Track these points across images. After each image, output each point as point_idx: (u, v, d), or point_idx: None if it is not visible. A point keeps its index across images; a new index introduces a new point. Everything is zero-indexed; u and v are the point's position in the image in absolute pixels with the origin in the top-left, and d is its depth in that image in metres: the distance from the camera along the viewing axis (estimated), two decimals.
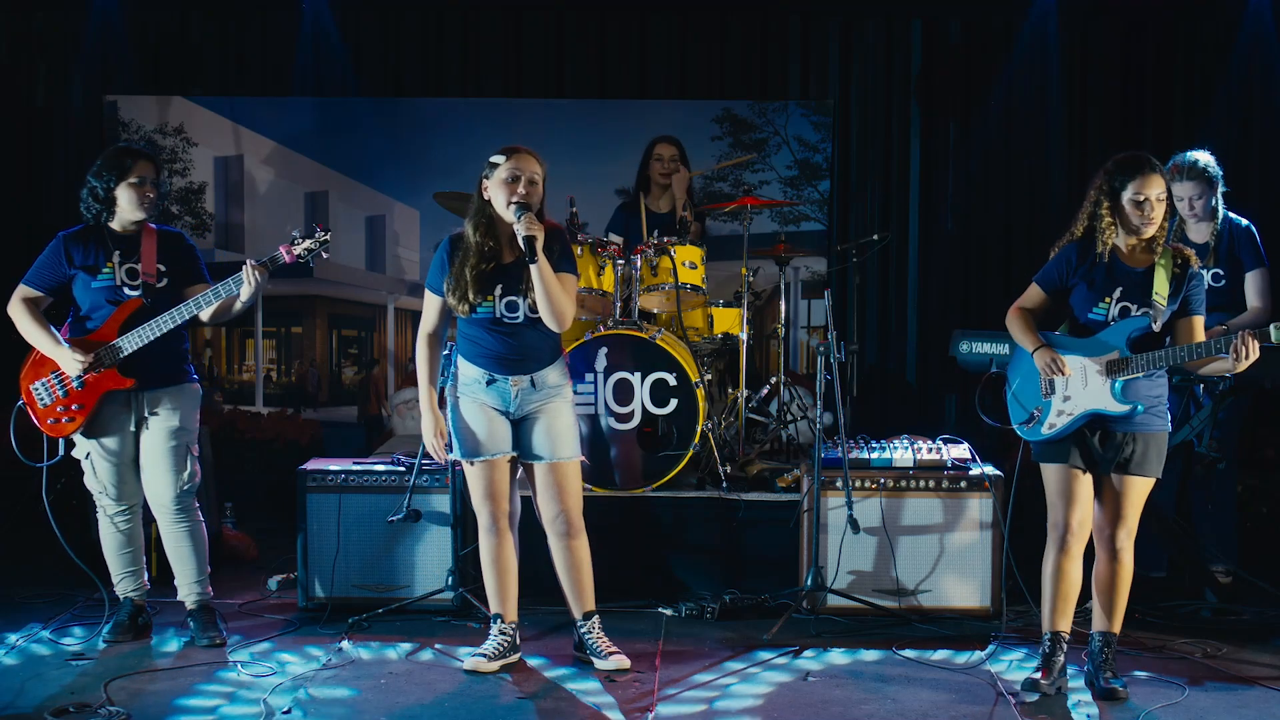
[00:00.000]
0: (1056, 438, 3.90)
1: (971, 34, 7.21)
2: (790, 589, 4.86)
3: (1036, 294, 4.04)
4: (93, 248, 4.37)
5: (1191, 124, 7.02)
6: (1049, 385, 3.94)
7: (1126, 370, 3.80)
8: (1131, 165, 3.86)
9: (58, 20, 7.22)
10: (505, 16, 7.27)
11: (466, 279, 4.05)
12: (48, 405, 4.35)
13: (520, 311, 4.09)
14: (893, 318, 7.32)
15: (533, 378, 4.12)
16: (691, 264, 5.55)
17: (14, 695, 3.88)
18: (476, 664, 4.15)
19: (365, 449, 6.86)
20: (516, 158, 4.04)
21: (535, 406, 4.14)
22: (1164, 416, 3.90)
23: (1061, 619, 3.96)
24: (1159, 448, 3.87)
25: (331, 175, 7.41)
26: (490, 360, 4.12)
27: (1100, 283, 3.88)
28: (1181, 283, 3.85)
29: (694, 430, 5.16)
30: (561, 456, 4.15)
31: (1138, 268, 3.88)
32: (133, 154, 4.40)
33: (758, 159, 7.23)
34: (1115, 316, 3.86)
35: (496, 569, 4.21)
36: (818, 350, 4.78)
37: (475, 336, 4.13)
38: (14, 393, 4.43)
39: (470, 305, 4.06)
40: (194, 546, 4.45)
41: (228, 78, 7.35)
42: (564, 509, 4.17)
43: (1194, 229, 5.20)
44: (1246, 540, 5.48)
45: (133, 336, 4.28)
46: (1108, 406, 3.82)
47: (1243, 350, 3.65)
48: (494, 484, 4.16)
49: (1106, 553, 3.92)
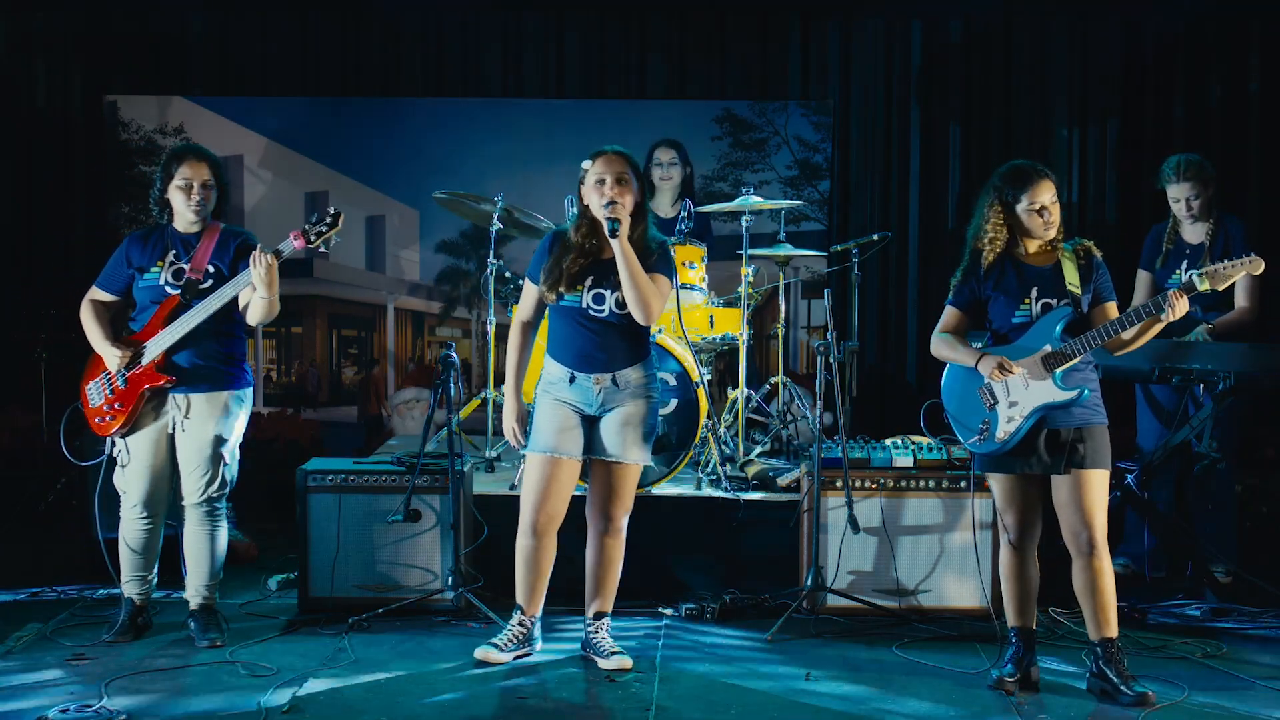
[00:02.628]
0: (1012, 444, 3.91)
1: (971, 34, 7.21)
2: (790, 589, 4.86)
3: (954, 315, 4.12)
4: (150, 248, 4.40)
5: (1191, 123, 7.02)
6: (990, 396, 3.97)
7: (1062, 360, 3.86)
8: (1020, 177, 3.96)
9: (58, 20, 7.22)
10: (505, 16, 7.27)
11: (562, 268, 4.10)
12: (97, 405, 4.37)
13: (606, 305, 4.10)
14: (893, 318, 7.31)
15: (615, 376, 4.12)
16: (691, 264, 5.56)
17: (16, 695, 3.88)
18: (486, 654, 4.17)
19: (365, 449, 6.86)
20: (603, 159, 4.10)
21: (615, 404, 4.14)
22: (1102, 410, 3.95)
23: (1023, 616, 4.02)
24: (1104, 440, 3.92)
25: (331, 175, 7.41)
26: (574, 357, 4.12)
27: (1016, 287, 3.97)
28: (1089, 272, 3.95)
29: (694, 430, 5.16)
30: (628, 459, 4.15)
31: (1045, 265, 3.98)
32: (179, 156, 4.40)
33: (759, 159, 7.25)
34: (1039, 313, 3.93)
35: (531, 569, 4.22)
36: (818, 350, 4.78)
37: (562, 331, 4.16)
38: (15, 394, 4.46)
39: (558, 294, 4.09)
40: (213, 551, 4.45)
41: (228, 78, 7.34)
42: (612, 511, 4.20)
43: (1189, 229, 5.22)
44: (1246, 540, 5.49)
45: (163, 334, 4.29)
46: (1055, 397, 3.85)
47: (1176, 306, 3.75)
48: (551, 482, 4.14)
49: (1083, 556, 3.88)
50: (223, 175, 4.47)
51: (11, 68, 7.25)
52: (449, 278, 7.45)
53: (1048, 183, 3.94)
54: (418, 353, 7.50)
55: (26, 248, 7.28)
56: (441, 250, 7.43)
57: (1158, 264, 5.33)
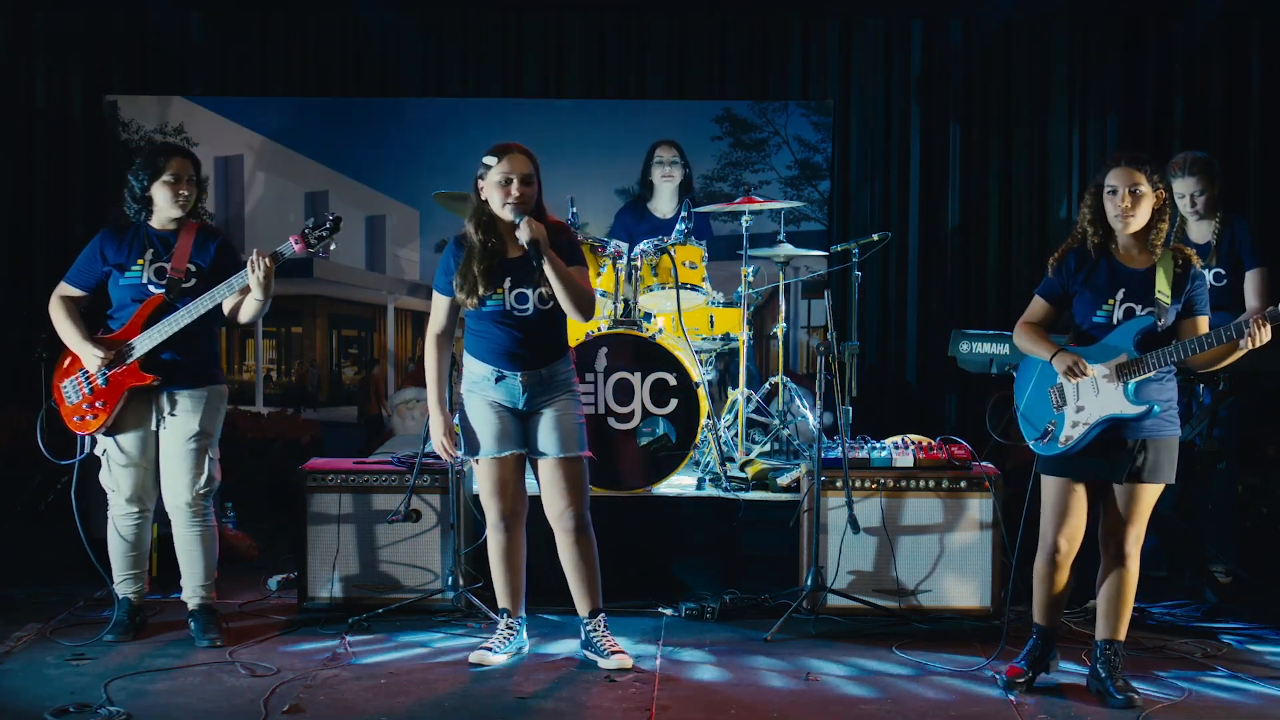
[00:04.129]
0: (1074, 450, 3.84)
1: (972, 34, 7.20)
2: (790, 589, 4.86)
3: (1040, 306, 3.99)
4: (127, 245, 4.38)
5: (1192, 123, 7.02)
6: (1060, 397, 3.89)
7: (1137, 371, 3.75)
8: (1110, 159, 3.88)
9: (58, 20, 7.22)
10: (505, 16, 7.27)
11: (474, 274, 4.08)
12: (75, 403, 4.36)
13: (530, 304, 4.10)
14: (893, 318, 7.31)
15: (541, 372, 4.13)
16: (691, 264, 5.55)
17: (15, 695, 3.88)
18: (481, 657, 4.18)
19: (365, 449, 6.85)
20: (508, 158, 4.06)
21: (544, 401, 4.15)
22: (1175, 421, 3.87)
23: (1049, 616, 4.01)
24: (1170, 453, 3.83)
25: (331, 175, 7.41)
26: (499, 356, 4.12)
27: (1102, 285, 3.85)
28: (1184, 282, 3.81)
29: (694, 430, 5.16)
30: (569, 452, 4.15)
31: (1138, 268, 3.85)
32: (167, 151, 4.40)
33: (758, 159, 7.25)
34: (1120, 318, 3.82)
35: (504, 565, 4.24)
36: (818, 350, 4.78)
37: (484, 332, 4.15)
38: (13, 393, 4.44)
39: (479, 299, 4.08)
40: (204, 550, 4.45)
41: (228, 78, 7.34)
42: (571, 505, 4.18)
43: (1195, 228, 5.20)
44: (1246, 540, 5.48)
45: (151, 333, 4.28)
46: (1123, 410, 3.77)
47: (1257, 335, 3.65)
48: (502, 481, 4.17)
49: (1113, 558, 3.87)
50: (201, 174, 4.49)
51: (11, 68, 7.25)
52: None
53: (1127, 169, 3.78)
54: (418, 353, 7.50)
55: (26, 248, 7.28)
56: (441, 250, 7.42)
57: None
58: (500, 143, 4.12)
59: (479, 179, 4.11)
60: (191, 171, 4.39)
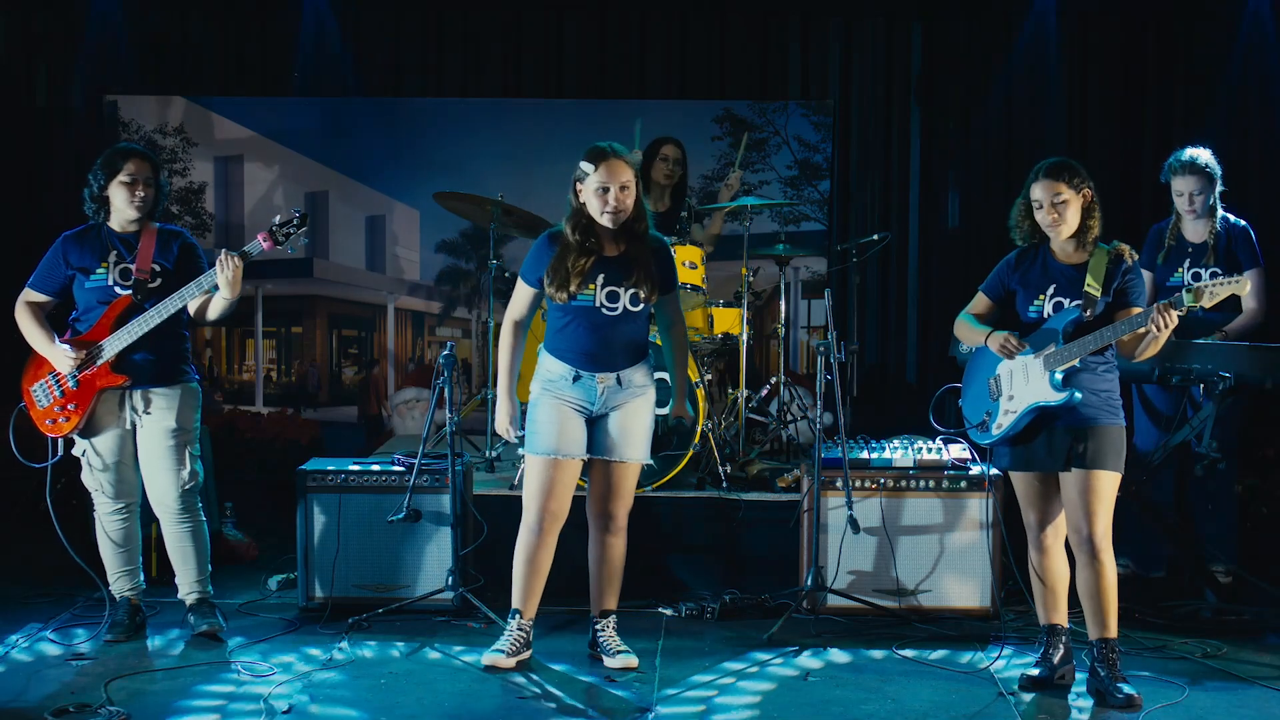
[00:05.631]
0: (1006, 436, 3.96)
1: (972, 34, 7.21)
2: (790, 589, 4.86)
3: (981, 301, 4.14)
4: (89, 248, 4.38)
5: (1191, 123, 7.02)
6: (996, 387, 4.02)
7: (1062, 359, 3.85)
8: (1035, 171, 3.97)
9: (58, 20, 7.22)
10: (505, 16, 7.27)
11: (568, 269, 4.04)
12: (45, 406, 4.36)
13: (620, 303, 4.08)
14: (893, 318, 7.32)
15: (619, 375, 4.11)
16: (691, 264, 5.56)
17: (15, 695, 3.88)
18: (495, 660, 4.16)
19: (365, 449, 6.86)
20: (605, 166, 4.01)
21: (617, 404, 4.13)
22: (1115, 411, 3.92)
23: (1055, 613, 4.03)
24: (1112, 442, 3.87)
25: (331, 175, 7.42)
26: (580, 355, 4.10)
27: (1035, 281, 3.99)
28: (1115, 274, 3.90)
29: (694, 430, 5.16)
30: (629, 458, 4.15)
31: (1072, 264, 3.96)
32: (125, 153, 4.39)
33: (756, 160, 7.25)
34: (1050, 312, 3.93)
35: (530, 568, 4.19)
36: (818, 350, 4.78)
37: (568, 330, 4.11)
38: (15, 394, 4.44)
39: (570, 293, 4.04)
40: (196, 546, 4.46)
41: (228, 78, 7.35)
42: (617, 508, 4.19)
43: (1191, 227, 5.19)
44: (1246, 540, 5.48)
45: (121, 334, 4.28)
46: (1047, 398, 3.85)
47: (1160, 320, 3.69)
48: (552, 482, 4.12)
49: (1085, 555, 3.87)
50: (162, 177, 4.48)
51: (12, 67, 7.25)
52: (449, 278, 7.46)
53: (1048, 181, 3.90)
54: (418, 353, 7.50)
55: (26, 248, 7.26)
56: (441, 250, 7.44)
57: (1159, 260, 5.31)
58: (595, 147, 4.07)
59: (575, 181, 4.08)
60: (150, 174, 4.37)
